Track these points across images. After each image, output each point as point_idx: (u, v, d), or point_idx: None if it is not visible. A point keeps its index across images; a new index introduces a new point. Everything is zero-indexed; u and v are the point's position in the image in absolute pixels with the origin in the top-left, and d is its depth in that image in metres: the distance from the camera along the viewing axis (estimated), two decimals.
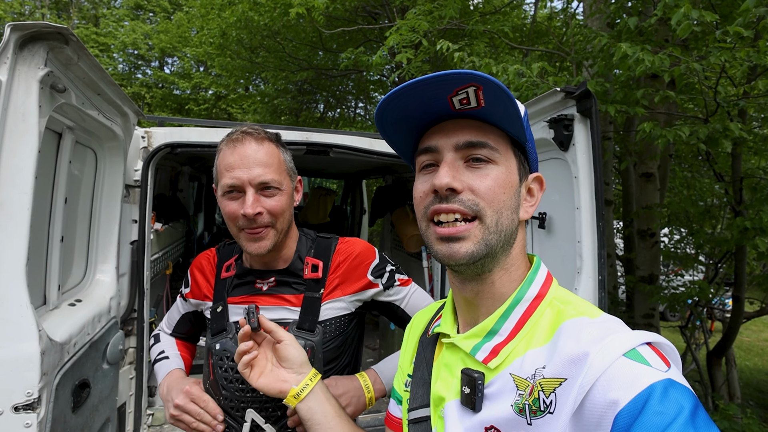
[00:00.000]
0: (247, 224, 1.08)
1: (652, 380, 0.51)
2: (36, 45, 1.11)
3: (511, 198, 0.67)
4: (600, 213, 1.63)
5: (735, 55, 2.32)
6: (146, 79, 16.06)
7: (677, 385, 0.51)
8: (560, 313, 0.64)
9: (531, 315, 0.66)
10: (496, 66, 3.04)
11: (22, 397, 1.13)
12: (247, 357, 0.94)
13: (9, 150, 1.09)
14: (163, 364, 1.33)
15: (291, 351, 0.96)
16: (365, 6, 6.85)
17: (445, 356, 0.74)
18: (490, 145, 0.65)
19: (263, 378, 0.94)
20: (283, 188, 1.11)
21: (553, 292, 0.69)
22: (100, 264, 1.84)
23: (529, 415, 0.58)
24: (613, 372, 0.52)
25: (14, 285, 1.11)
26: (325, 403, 0.93)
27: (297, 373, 0.95)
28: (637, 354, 0.54)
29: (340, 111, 12.27)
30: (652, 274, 4.29)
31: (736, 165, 3.78)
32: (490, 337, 0.67)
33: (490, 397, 0.64)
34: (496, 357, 0.65)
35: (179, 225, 3.84)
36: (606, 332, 0.57)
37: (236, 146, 1.09)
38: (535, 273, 0.70)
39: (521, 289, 0.68)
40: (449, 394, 0.70)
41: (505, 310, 0.67)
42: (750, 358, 8.08)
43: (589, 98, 1.58)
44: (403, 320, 1.30)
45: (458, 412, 0.67)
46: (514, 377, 0.62)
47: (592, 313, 0.63)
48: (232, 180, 1.07)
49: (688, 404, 0.50)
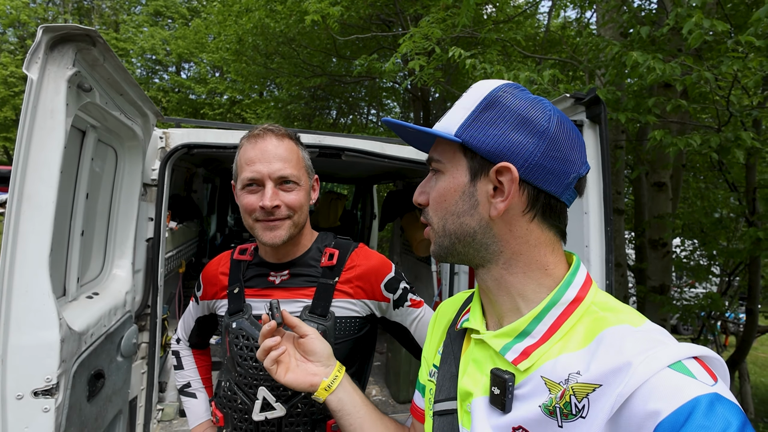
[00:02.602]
0: (263, 216, 1.10)
1: (698, 393, 0.49)
2: (66, 46, 1.17)
3: (456, 202, 0.69)
4: (608, 218, 1.64)
5: (747, 64, 2.32)
6: (163, 83, 16.39)
7: (724, 400, 0.49)
8: (600, 319, 0.62)
9: (567, 319, 0.64)
10: (507, 73, 3.07)
11: (41, 383, 1.18)
12: (275, 353, 0.91)
13: (37, 145, 1.14)
14: (192, 406, 1.41)
15: (318, 344, 0.95)
16: (379, 14, 6.95)
17: (473, 352, 0.74)
18: (435, 157, 0.73)
19: (291, 374, 0.92)
20: (301, 184, 1.14)
21: (592, 296, 0.66)
22: (117, 259, 1.90)
23: (560, 418, 0.57)
24: (655, 382, 0.51)
25: (38, 274, 1.16)
26: (353, 393, 0.93)
27: (325, 366, 0.94)
28: (683, 366, 0.52)
29: (353, 117, 12.38)
30: (664, 285, 4.25)
31: (750, 175, 3.74)
32: (522, 338, 0.65)
33: (519, 398, 0.63)
34: (527, 359, 0.64)
35: (193, 225, 3.91)
36: (651, 343, 0.55)
37: (257, 141, 1.12)
38: (573, 275, 0.68)
39: (557, 292, 0.66)
40: (477, 390, 0.69)
41: (539, 312, 0.64)
42: (765, 375, 7.90)
43: (598, 104, 1.60)
44: (413, 345, 1.30)
45: (486, 410, 0.67)
46: (546, 380, 0.61)
47: (635, 321, 0.60)
48: (252, 173, 1.09)
49: (735, 421, 0.47)
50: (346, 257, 1.23)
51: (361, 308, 1.23)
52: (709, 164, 5.01)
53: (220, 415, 1.23)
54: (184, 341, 1.49)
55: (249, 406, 1.15)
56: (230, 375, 1.22)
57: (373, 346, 1.36)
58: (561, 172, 0.65)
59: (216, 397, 1.28)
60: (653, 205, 4.38)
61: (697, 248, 5.07)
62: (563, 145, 0.65)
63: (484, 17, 6.68)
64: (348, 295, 1.21)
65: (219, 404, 1.25)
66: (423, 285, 4.01)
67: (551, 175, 0.65)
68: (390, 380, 3.73)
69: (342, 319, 1.20)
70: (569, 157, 0.66)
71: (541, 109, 0.66)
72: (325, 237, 1.30)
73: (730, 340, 6.63)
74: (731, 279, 4.47)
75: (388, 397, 3.66)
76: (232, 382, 1.21)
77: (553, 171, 0.65)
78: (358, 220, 6.25)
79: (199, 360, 1.49)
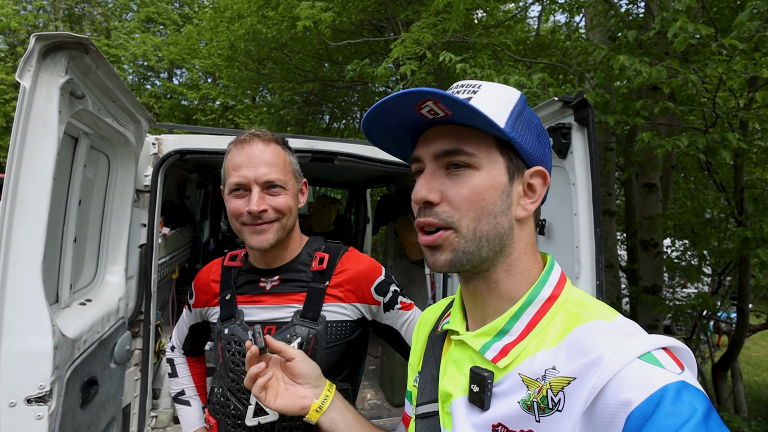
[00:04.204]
0: (251, 220, 1.11)
1: (666, 382, 0.51)
2: (58, 54, 1.18)
3: (495, 202, 0.66)
4: (597, 219, 1.67)
5: (732, 67, 2.37)
6: (155, 89, 16.34)
7: (690, 387, 0.51)
8: (574, 315, 0.64)
9: (543, 316, 0.66)
10: (497, 77, 3.10)
11: (34, 390, 1.18)
12: (262, 380, 0.90)
13: (30, 152, 1.15)
14: (186, 414, 1.41)
15: (305, 366, 0.94)
16: (371, 19, 6.99)
17: (453, 353, 0.75)
18: (466, 150, 0.65)
19: (280, 398, 0.91)
20: (288, 188, 1.15)
21: (566, 293, 0.68)
22: (110, 265, 1.89)
23: (538, 413, 0.59)
24: (626, 373, 0.53)
25: (31, 281, 1.16)
26: (345, 411, 0.93)
27: (314, 387, 0.94)
28: (652, 357, 0.54)
29: (345, 122, 12.41)
30: (656, 285, 4.29)
31: (738, 176, 3.80)
32: (500, 336, 0.67)
33: (498, 395, 0.64)
34: (506, 357, 0.65)
35: (186, 231, 3.90)
36: (622, 336, 0.57)
37: (244, 147, 1.13)
38: (548, 274, 0.69)
39: (533, 290, 0.67)
40: (457, 390, 0.70)
41: (516, 311, 0.67)
42: (759, 374, 7.97)
43: (586, 107, 1.63)
44: (404, 348, 1.31)
45: (466, 409, 0.67)
46: (523, 377, 0.62)
47: (608, 315, 0.62)
48: (238, 178, 1.10)
49: (701, 407, 0.49)
50: (336, 261, 1.24)
51: (352, 312, 1.23)
52: (698, 165, 5.08)
53: (213, 421, 1.23)
54: (179, 349, 1.49)
55: (242, 411, 1.15)
56: (223, 381, 1.22)
57: (365, 350, 1.37)
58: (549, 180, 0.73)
59: (209, 404, 1.28)
60: (644, 206, 4.43)
61: (687, 248, 5.13)
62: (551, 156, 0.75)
63: (474, 22, 6.74)
64: (338, 299, 1.22)
65: (212, 410, 1.25)
66: (417, 288, 4.02)
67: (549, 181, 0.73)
68: (385, 384, 3.73)
69: (333, 323, 1.20)
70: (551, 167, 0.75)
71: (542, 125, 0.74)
72: (314, 241, 1.31)
73: (723, 339, 6.69)
74: (722, 278, 4.53)
75: (383, 400, 3.66)
76: (225, 388, 1.21)
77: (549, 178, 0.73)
78: (352, 224, 6.26)
79: (193, 367, 1.49)
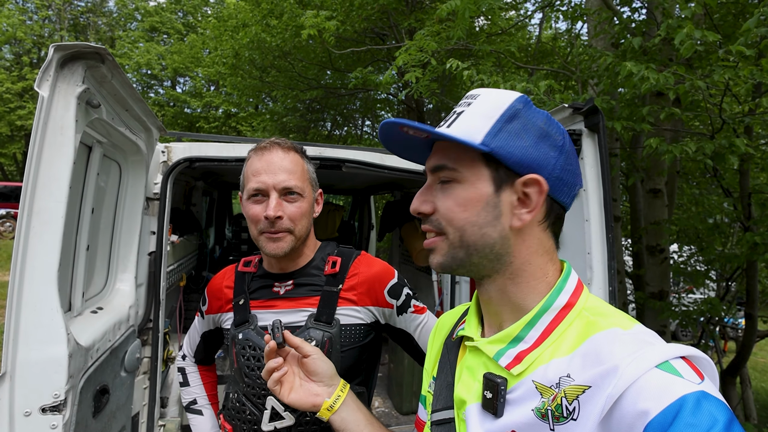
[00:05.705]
0: (267, 227, 1.13)
1: (685, 391, 0.50)
2: (75, 64, 1.19)
3: (479, 213, 0.67)
4: (609, 225, 1.66)
5: (738, 73, 2.37)
6: (159, 98, 16.48)
7: (711, 397, 0.50)
8: (591, 324, 0.63)
9: (558, 324, 0.65)
10: (503, 84, 3.12)
11: (49, 399, 1.17)
12: (277, 374, 0.94)
13: (47, 161, 1.16)
14: (198, 423, 1.40)
15: (320, 364, 0.96)
16: (374, 28, 7.05)
17: (467, 359, 0.74)
18: (448, 166, 0.69)
19: (294, 393, 0.94)
20: (305, 195, 1.17)
21: (583, 301, 0.67)
22: (121, 273, 1.90)
23: (552, 421, 0.58)
24: (643, 382, 0.51)
25: (46, 289, 1.16)
26: (356, 411, 0.94)
27: (328, 386, 0.95)
28: (671, 366, 0.53)
29: (347, 129, 12.46)
30: (662, 291, 4.27)
31: (744, 181, 3.80)
32: (515, 343, 0.67)
33: (512, 402, 0.64)
34: (520, 364, 0.65)
35: (193, 238, 3.90)
36: (639, 344, 0.56)
37: (264, 154, 1.15)
38: (565, 282, 0.69)
39: (549, 298, 0.67)
40: (470, 397, 0.70)
41: (531, 318, 0.67)
42: (766, 380, 7.90)
43: (596, 114, 1.64)
44: (417, 352, 1.30)
45: (479, 416, 0.67)
46: (537, 384, 0.62)
47: (625, 324, 0.61)
48: (257, 184, 1.12)
49: (722, 417, 0.48)
50: (349, 265, 1.25)
51: (366, 315, 1.24)
52: (702, 170, 5.08)
53: (229, 427, 1.23)
54: (190, 357, 1.49)
55: (258, 416, 1.15)
56: (238, 386, 1.22)
57: (379, 355, 1.37)
58: (572, 184, 0.69)
59: (224, 410, 1.28)
60: (649, 212, 4.42)
61: (694, 254, 5.11)
62: (573, 159, 0.70)
63: (477, 30, 6.79)
64: (352, 302, 1.22)
65: (228, 416, 1.24)
66: (423, 295, 4.01)
67: (566, 187, 0.68)
68: (393, 391, 3.71)
69: (347, 326, 1.21)
70: (577, 170, 0.71)
71: (554, 124, 0.70)
72: (327, 246, 1.32)
73: (729, 345, 6.64)
74: (729, 284, 4.51)
75: (391, 408, 3.64)
76: (240, 394, 1.21)
77: (568, 183, 0.69)
78: (356, 231, 6.26)
79: (204, 376, 1.49)
